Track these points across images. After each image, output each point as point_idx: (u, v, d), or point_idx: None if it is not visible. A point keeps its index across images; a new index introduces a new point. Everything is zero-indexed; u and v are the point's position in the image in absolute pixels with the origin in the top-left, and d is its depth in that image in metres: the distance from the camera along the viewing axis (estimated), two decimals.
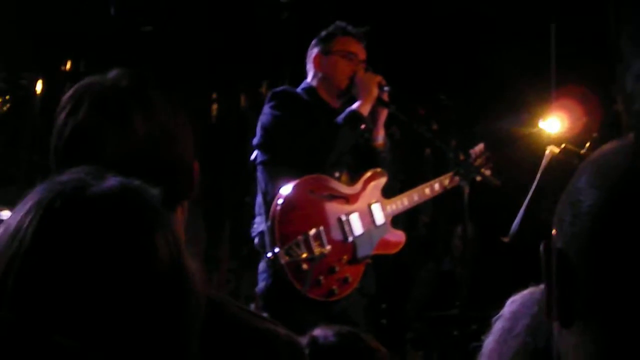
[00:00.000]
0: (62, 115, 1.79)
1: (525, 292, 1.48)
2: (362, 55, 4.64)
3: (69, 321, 1.09)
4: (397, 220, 4.73)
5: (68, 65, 6.37)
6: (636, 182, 0.96)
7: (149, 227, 1.18)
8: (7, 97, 6.20)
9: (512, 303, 1.48)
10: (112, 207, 1.16)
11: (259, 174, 4.44)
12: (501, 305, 1.50)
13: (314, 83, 4.62)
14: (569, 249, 1.01)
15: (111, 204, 1.17)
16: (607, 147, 1.04)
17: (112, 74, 1.84)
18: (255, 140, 4.47)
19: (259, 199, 4.44)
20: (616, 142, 1.03)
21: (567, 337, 1.03)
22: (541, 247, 1.05)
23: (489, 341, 1.48)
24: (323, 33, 4.67)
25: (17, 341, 1.08)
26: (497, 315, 1.49)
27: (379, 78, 4.57)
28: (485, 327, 1.50)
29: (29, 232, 1.14)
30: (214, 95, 7.22)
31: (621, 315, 0.96)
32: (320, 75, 4.61)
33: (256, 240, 4.42)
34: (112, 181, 1.20)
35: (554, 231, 1.04)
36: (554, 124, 5.66)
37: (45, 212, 1.15)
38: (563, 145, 4.28)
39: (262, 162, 4.43)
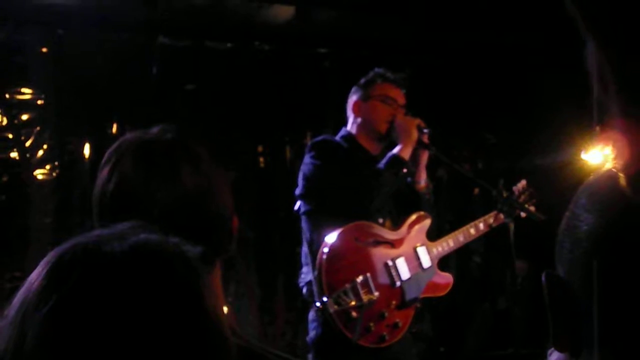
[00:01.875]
0: (107, 169, 1.78)
1: None
2: (401, 100, 4.63)
3: None
4: (449, 263, 4.69)
5: (114, 128, 6.43)
6: (628, 207, 0.95)
7: (169, 287, 1.13)
8: (56, 162, 6.27)
9: None
10: (125, 265, 1.12)
11: (304, 224, 4.44)
12: None
13: (353, 130, 4.62)
14: (570, 276, 0.99)
15: (125, 262, 1.12)
16: (602, 170, 1.02)
17: (155, 128, 1.85)
18: (297, 191, 4.48)
19: (305, 249, 4.43)
20: (609, 165, 1.02)
21: None
22: (542, 277, 1.03)
23: None
24: (362, 80, 4.68)
25: None
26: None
27: (418, 121, 4.55)
28: None
29: (35, 285, 1.11)
30: (260, 149, 7.23)
31: (625, 344, 0.94)
32: (359, 121, 4.61)
33: (304, 290, 4.41)
34: (135, 238, 1.15)
35: (556, 258, 1.03)
36: (596, 155, 5.59)
37: (54, 266, 1.12)
38: None
39: (305, 212, 4.43)
